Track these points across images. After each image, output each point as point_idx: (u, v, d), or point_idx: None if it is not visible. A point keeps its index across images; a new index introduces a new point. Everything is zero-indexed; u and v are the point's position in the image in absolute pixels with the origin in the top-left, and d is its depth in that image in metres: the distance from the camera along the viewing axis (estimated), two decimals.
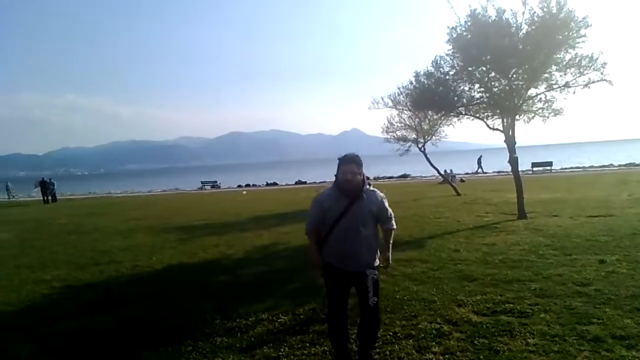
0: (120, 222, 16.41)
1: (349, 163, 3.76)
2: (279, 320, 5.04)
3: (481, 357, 3.86)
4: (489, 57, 11.33)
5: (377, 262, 3.90)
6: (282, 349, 4.27)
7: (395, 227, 3.99)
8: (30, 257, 10.06)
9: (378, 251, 3.91)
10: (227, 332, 4.82)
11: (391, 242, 4.03)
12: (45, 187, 32.73)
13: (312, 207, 3.96)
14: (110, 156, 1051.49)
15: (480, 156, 41.11)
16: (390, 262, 4.12)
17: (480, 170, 40.83)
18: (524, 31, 10.93)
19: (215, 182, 47.69)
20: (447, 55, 12.43)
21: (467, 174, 39.32)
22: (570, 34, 10.44)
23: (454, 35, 11.66)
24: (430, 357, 3.92)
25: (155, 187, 52.71)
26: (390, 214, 3.95)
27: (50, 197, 32.57)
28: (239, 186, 45.22)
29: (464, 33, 11.50)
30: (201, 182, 48.36)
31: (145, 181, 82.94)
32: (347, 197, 3.76)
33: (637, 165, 37.12)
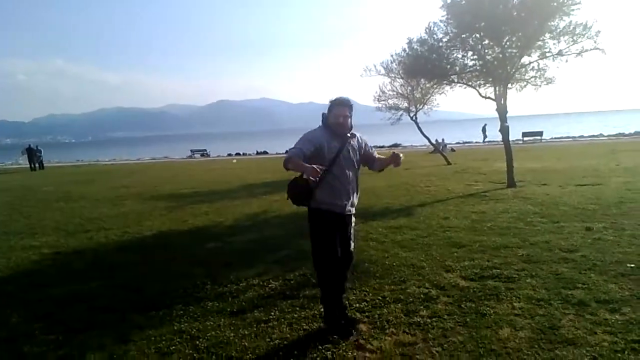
0: (108, 189, 16.31)
1: (342, 106, 3.79)
2: (269, 286, 5.08)
3: (468, 320, 3.93)
4: (482, 24, 11.19)
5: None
6: (272, 313, 4.31)
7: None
8: (19, 224, 9.98)
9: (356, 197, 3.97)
10: (218, 296, 4.84)
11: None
12: (32, 154, 32.33)
13: (302, 139, 3.76)
14: (97, 123, 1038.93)
15: (485, 125, 40.54)
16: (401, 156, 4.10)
17: (485, 138, 40.32)
18: None
19: (205, 150, 47.41)
20: (440, 21, 12.29)
21: (466, 142, 39.40)
22: (565, 0, 10.31)
23: (448, 1, 11.46)
24: (418, 320, 3.98)
25: (144, 155, 52.32)
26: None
27: (37, 165, 32.22)
28: (229, 155, 45.00)
29: None
30: (190, 150, 48.06)
31: (134, 149, 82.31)
32: (339, 139, 3.78)
33: (626, 135, 37.39)
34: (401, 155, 4.06)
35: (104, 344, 3.89)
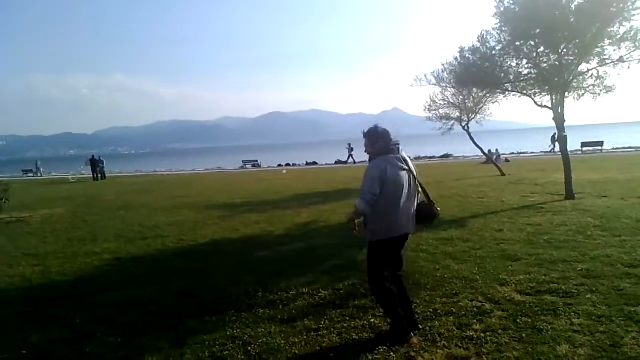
0: (165, 198, 16.92)
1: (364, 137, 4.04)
2: (319, 295, 5.12)
3: (524, 335, 3.81)
4: (538, 31, 10.88)
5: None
6: (322, 322, 4.34)
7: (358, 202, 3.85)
8: (82, 231, 10.53)
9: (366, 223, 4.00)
10: (269, 304, 4.93)
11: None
12: (95, 164, 33.99)
13: (372, 178, 3.86)
14: (155, 135, 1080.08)
15: (554, 134, 38.88)
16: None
17: (554, 148, 38.43)
18: (575, 3, 10.43)
19: (256, 161, 48.24)
20: (493, 29, 12.04)
21: (522, 153, 38.07)
22: (626, 5, 9.87)
23: (502, 9, 11.23)
24: (471, 334, 3.90)
25: (198, 166, 53.86)
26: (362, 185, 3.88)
27: (99, 175, 33.84)
28: (279, 165, 45.60)
29: (512, 6, 11.06)
30: (242, 161, 49.04)
31: (189, 160, 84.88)
32: (396, 163, 3.90)
33: None
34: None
35: (161, 347, 4.04)
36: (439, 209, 4.19)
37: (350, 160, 41.32)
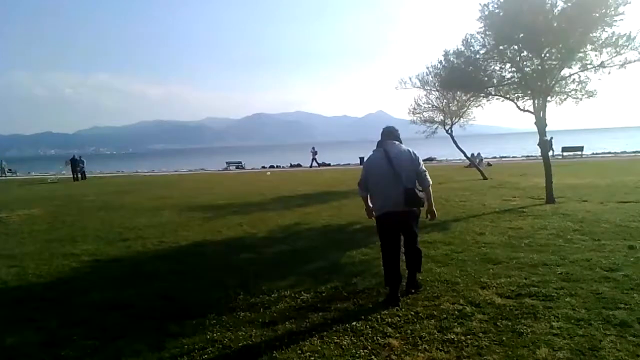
0: (147, 199, 16.73)
1: (392, 133, 5.12)
2: (301, 297, 5.09)
3: (504, 338, 3.82)
4: (521, 35, 11.00)
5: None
6: (303, 325, 4.31)
7: (430, 184, 4.98)
8: (60, 232, 10.35)
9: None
10: (250, 307, 4.88)
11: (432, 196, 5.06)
12: (75, 164, 33.50)
13: (364, 170, 5.13)
14: (138, 136, 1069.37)
15: (551, 137, 39.06)
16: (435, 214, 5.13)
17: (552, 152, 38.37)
18: (559, 8, 10.57)
19: (240, 162, 48.03)
20: (478, 33, 12.13)
21: (504, 157, 38.46)
22: (608, 11, 10.02)
23: (486, 13, 11.33)
24: (452, 337, 3.90)
25: (181, 167, 53.48)
26: (425, 170, 4.96)
27: (79, 175, 33.36)
28: (263, 167, 45.47)
29: (496, 10, 11.17)
30: (226, 162, 48.80)
31: (172, 161, 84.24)
32: (385, 153, 4.95)
33: None
34: None
35: (139, 351, 3.97)
36: (423, 196, 4.84)
37: (315, 164, 41.48)
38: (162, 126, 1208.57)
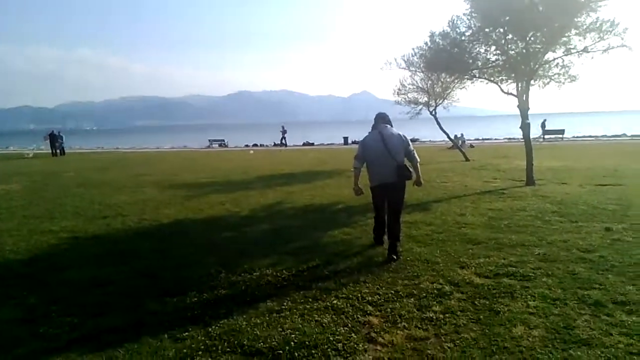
0: (127, 176, 16.53)
1: (384, 119, 6.13)
2: (282, 276, 5.10)
3: (481, 317, 3.90)
4: (507, 18, 10.99)
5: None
6: (284, 303, 4.33)
7: (418, 160, 6.13)
8: (39, 208, 10.18)
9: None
10: (231, 285, 4.89)
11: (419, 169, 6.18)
12: (55, 140, 32.86)
13: (361, 148, 6.02)
14: (119, 112, 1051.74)
15: (544, 120, 39.01)
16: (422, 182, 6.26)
17: (543, 136, 38.35)
18: None
19: (223, 140, 47.62)
20: (464, 15, 12.10)
21: (486, 139, 38.71)
22: None
23: None
24: (431, 315, 3.96)
25: (163, 144, 52.84)
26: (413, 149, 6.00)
27: (59, 151, 32.77)
28: (247, 146, 45.17)
29: None
30: (209, 140, 48.34)
31: (153, 137, 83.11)
32: (380, 134, 5.91)
33: None
34: None
35: (119, 328, 3.96)
36: (412, 170, 5.83)
37: (284, 142, 41.44)
38: (144, 102, 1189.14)
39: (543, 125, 37.59)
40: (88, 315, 4.25)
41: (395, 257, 5.56)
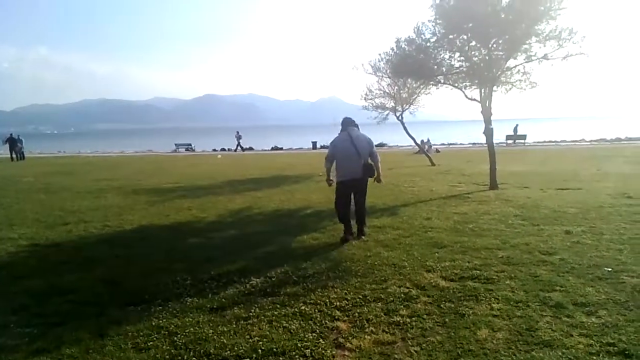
0: (90, 182, 16.09)
1: (350, 124, 6.95)
2: (250, 282, 5.05)
3: (447, 320, 3.95)
4: (470, 25, 11.25)
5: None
6: (252, 310, 4.28)
7: (379, 159, 7.03)
8: None
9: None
10: (197, 292, 4.80)
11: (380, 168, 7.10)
12: (14, 144, 31.72)
13: (332, 148, 7.00)
14: (81, 114, 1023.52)
15: (517, 125, 39.79)
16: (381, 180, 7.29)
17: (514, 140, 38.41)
18: (506, 0, 10.86)
19: (190, 144, 47.00)
20: (429, 21, 12.31)
21: (451, 144, 39.44)
22: (552, 4, 10.41)
23: (437, 1, 11.51)
24: (398, 319, 3.99)
25: (127, 148, 51.76)
26: (376, 150, 7.01)
27: (18, 155, 31.65)
28: (214, 150, 44.71)
29: None
30: (175, 144, 47.63)
31: (117, 141, 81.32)
32: (349, 136, 6.83)
33: (607, 141, 38.00)
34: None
35: (81, 338, 3.83)
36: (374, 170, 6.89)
37: (239, 149, 41.45)
38: (107, 105, 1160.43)
39: (515, 130, 38.59)
40: (48, 326, 4.10)
41: (363, 236, 6.79)
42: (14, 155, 31.43)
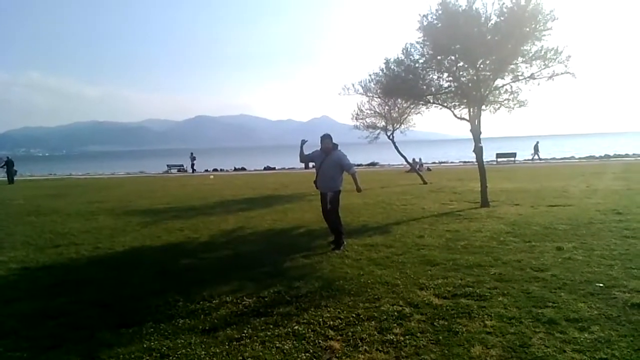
0: (81, 204, 15.99)
1: (325, 139, 7.67)
2: (243, 303, 5.02)
3: (440, 337, 3.94)
4: (458, 46, 11.45)
5: (339, 188, 7.70)
6: (245, 331, 4.25)
7: (355, 171, 7.67)
8: None
9: (340, 182, 7.70)
10: (189, 314, 4.77)
11: (357, 179, 7.73)
12: (12, 166, 31.47)
13: (312, 153, 7.84)
14: (72, 137, 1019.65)
15: (537, 142, 40.17)
16: (361, 189, 7.93)
17: (537, 156, 39.32)
18: (493, 22, 11.09)
19: (182, 165, 46.92)
20: (417, 43, 12.52)
21: (442, 162, 39.73)
22: (538, 26, 10.64)
23: (425, 23, 11.72)
24: (392, 337, 3.98)
25: (119, 170, 51.59)
26: (349, 164, 7.61)
27: (12, 178, 31.45)
28: (206, 170, 44.65)
29: (435, 21, 11.57)
30: (167, 165, 47.53)
31: (108, 163, 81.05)
32: (324, 154, 7.65)
33: (597, 158, 38.45)
34: (361, 190, 7.98)
35: None
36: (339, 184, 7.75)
37: (191, 170, 41.76)
38: (98, 127, 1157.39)
39: (536, 147, 38.97)
40: (39, 350, 4.04)
41: (333, 247, 7.51)
42: (11, 178, 31.19)
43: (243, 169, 45.32)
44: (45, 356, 3.93)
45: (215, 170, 45.23)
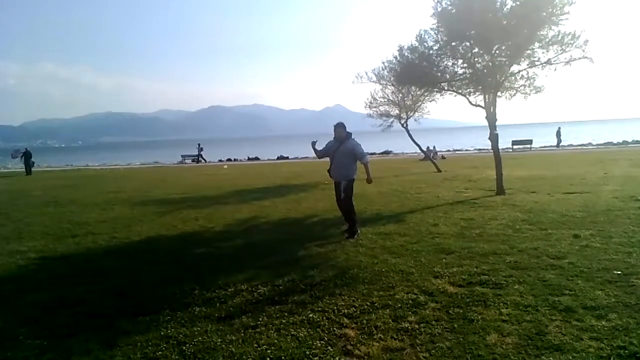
0: (97, 194, 16.19)
1: (338, 127, 7.75)
2: (257, 291, 5.06)
3: (455, 325, 3.93)
4: (472, 32, 11.27)
5: (353, 177, 7.65)
6: (260, 319, 4.29)
7: (367, 161, 7.72)
8: (6, 229, 9.87)
9: (354, 171, 7.66)
10: (205, 302, 4.82)
11: (369, 170, 7.68)
12: (29, 158, 31.98)
13: (325, 146, 7.97)
14: (88, 128, 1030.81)
15: (559, 128, 39.82)
16: (371, 180, 7.83)
17: (560, 142, 39.16)
18: (508, 6, 10.90)
19: (197, 156, 47.17)
20: (431, 29, 12.36)
21: (457, 150, 39.38)
22: (554, 10, 10.42)
23: (439, 9, 11.54)
24: (406, 325, 3.98)
25: (134, 160, 52.07)
26: (362, 153, 7.65)
27: (30, 169, 31.98)
28: (220, 160, 44.86)
29: (449, 7, 11.39)
30: (181, 155, 47.82)
31: (124, 154, 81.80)
32: (338, 143, 7.70)
33: (614, 144, 37.80)
34: (371, 180, 7.87)
35: (90, 349, 3.84)
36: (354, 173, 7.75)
37: (202, 160, 41.87)
38: (113, 118, 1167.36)
39: (558, 133, 38.53)
40: (58, 337, 4.12)
41: (347, 235, 7.53)
42: (29, 169, 31.72)
43: (257, 158, 45.43)
44: (64, 344, 4.00)
45: (229, 160, 45.41)
